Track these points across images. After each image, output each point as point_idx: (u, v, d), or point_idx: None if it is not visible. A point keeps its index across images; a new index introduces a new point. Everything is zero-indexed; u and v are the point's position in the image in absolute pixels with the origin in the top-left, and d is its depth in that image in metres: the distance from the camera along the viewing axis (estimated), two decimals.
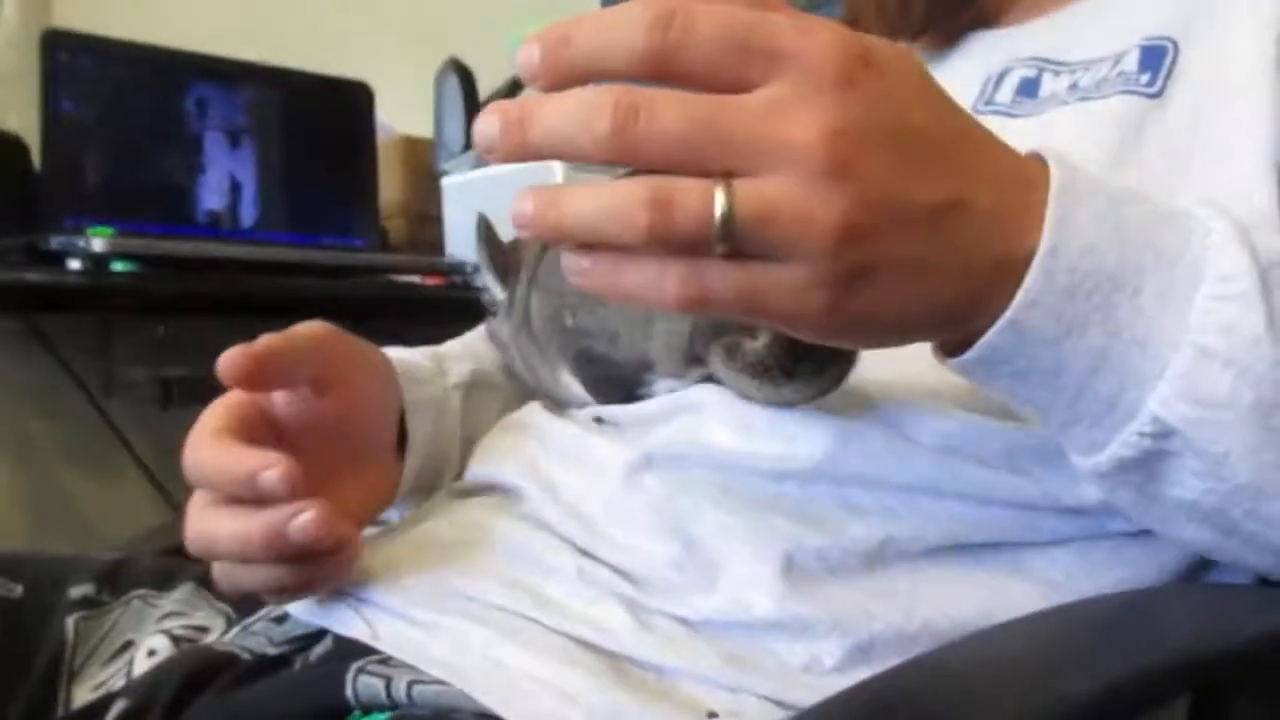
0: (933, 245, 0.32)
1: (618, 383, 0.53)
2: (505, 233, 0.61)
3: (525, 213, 0.32)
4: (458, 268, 1.30)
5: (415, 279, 1.41)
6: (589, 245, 0.32)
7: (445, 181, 1.58)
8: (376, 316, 1.50)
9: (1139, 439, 0.36)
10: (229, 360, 0.45)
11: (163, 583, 0.60)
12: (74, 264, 1.09)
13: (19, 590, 0.57)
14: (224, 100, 1.39)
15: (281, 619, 0.52)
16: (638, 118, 0.30)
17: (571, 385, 0.56)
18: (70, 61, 1.27)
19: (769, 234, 0.30)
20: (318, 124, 1.48)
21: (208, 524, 0.44)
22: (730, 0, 0.31)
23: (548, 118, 0.31)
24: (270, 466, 0.42)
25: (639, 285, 0.31)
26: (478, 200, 1.50)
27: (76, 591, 0.57)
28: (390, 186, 1.60)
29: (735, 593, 0.43)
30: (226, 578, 0.47)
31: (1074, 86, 0.56)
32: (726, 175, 0.30)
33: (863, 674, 0.40)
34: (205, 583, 0.60)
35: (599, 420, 0.52)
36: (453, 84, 1.55)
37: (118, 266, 1.04)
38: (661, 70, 0.30)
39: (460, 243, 1.55)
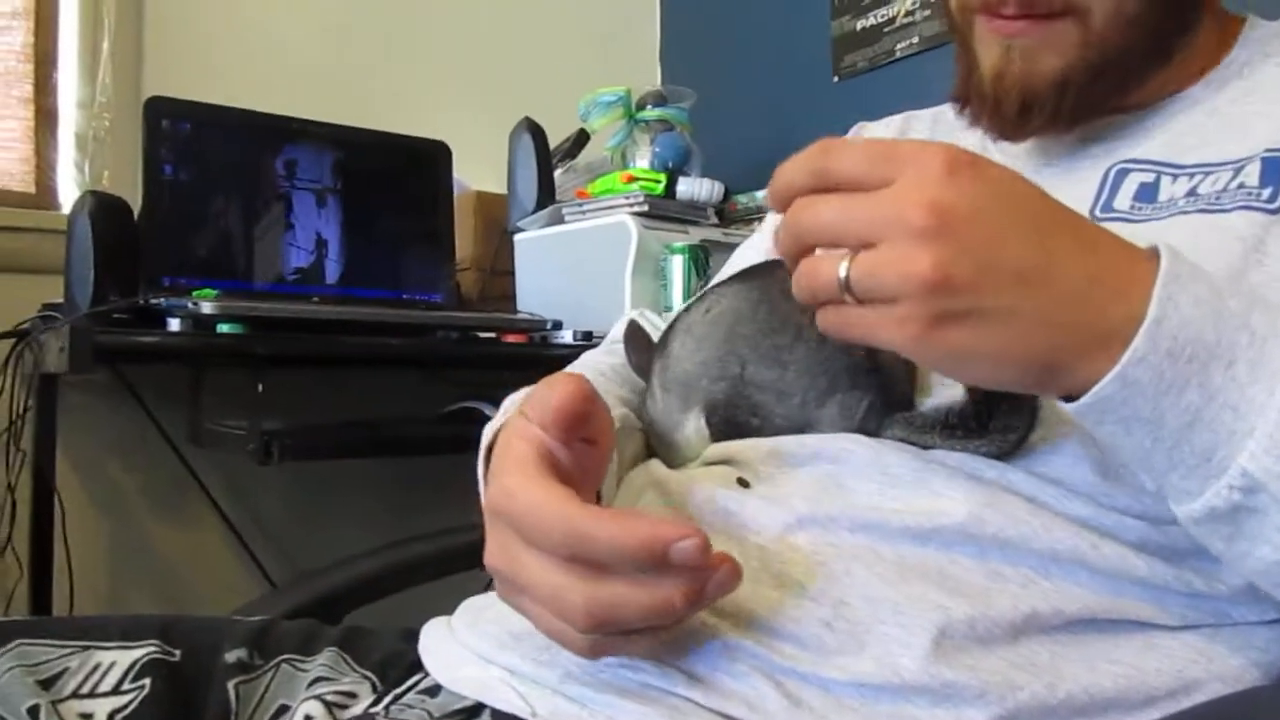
0: (1018, 300, 0.40)
1: (754, 431, 0.56)
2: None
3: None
4: (538, 325, 1.34)
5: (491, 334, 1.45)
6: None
7: (518, 238, 1.63)
8: (457, 369, 1.55)
9: (1229, 491, 0.41)
10: (567, 401, 0.44)
11: (305, 647, 0.63)
12: (175, 323, 1.13)
13: (178, 654, 0.59)
14: (312, 161, 1.45)
15: (434, 691, 0.55)
16: (804, 212, 0.43)
17: (691, 424, 0.59)
18: (170, 126, 1.33)
19: (875, 284, 0.41)
20: (398, 182, 1.53)
21: (601, 595, 0.41)
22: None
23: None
24: (687, 537, 0.40)
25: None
26: (548, 256, 1.56)
27: (231, 656, 0.60)
28: (463, 240, 1.65)
29: (884, 656, 0.45)
30: (601, 648, 0.44)
31: (1193, 194, 0.57)
32: (865, 247, 0.41)
33: None
34: (346, 648, 0.63)
35: (743, 483, 0.54)
36: (526, 143, 1.60)
37: (223, 328, 1.08)
38: (821, 181, 0.43)
39: (530, 296, 1.60)
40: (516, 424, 0.47)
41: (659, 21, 2.23)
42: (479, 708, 0.51)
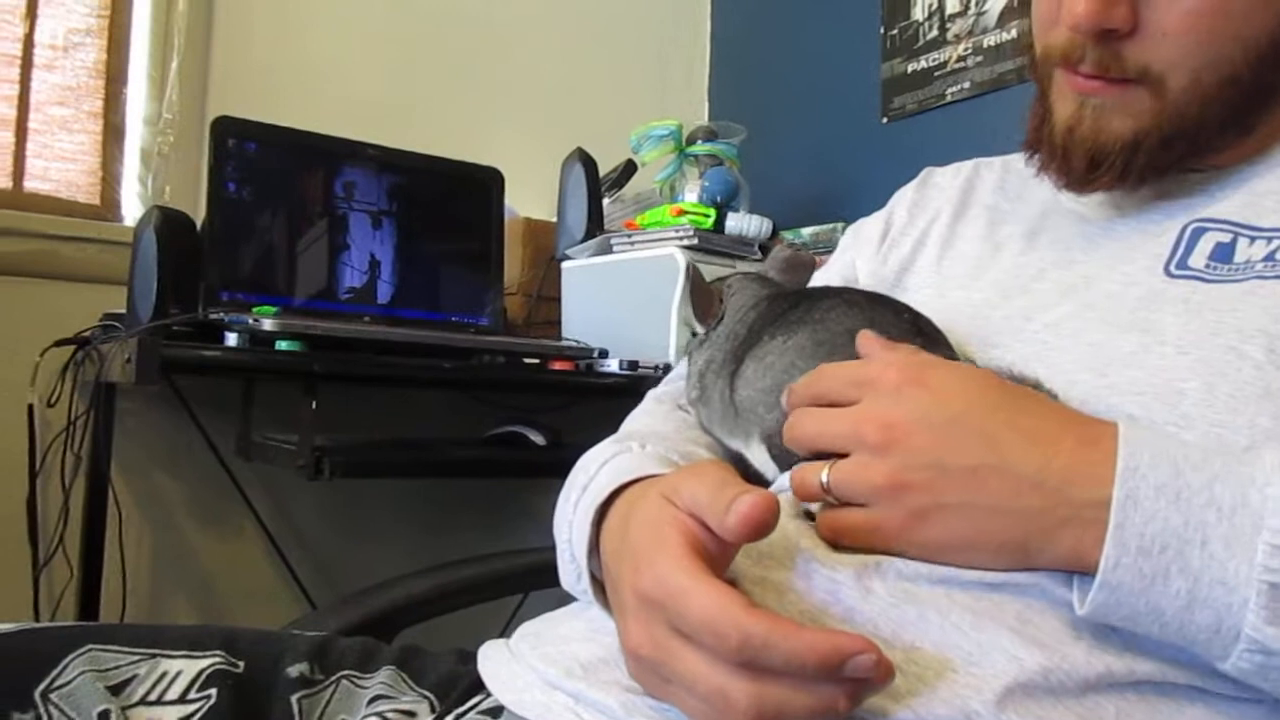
0: (973, 494, 0.46)
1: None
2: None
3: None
4: (584, 353, 1.35)
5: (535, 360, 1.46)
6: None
7: (565, 265, 1.65)
8: (503, 393, 1.57)
9: (1250, 655, 0.43)
10: (763, 515, 0.44)
11: (364, 664, 0.64)
12: (232, 338, 1.16)
13: (241, 666, 0.61)
14: (369, 183, 1.48)
15: (495, 713, 0.56)
16: (795, 421, 0.54)
17: (756, 455, 0.64)
18: (236, 145, 1.37)
19: (848, 490, 0.49)
20: (451, 206, 1.56)
21: (767, 698, 0.42)
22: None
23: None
24: (864, 652, 0.41)
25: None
26: (595, 285, 1.58)
27: (293, 670, 0.61)
28: (511, 266, 1.67)
29: (954, 700, 0.45)
30: None
31: (1271, 258, 0.56)
32: (839, 456, 0.50)
33: None
34: (403, 666, 0.64)
35: (809, 515, 0.55)
36: (578, 173, 1.63)
37: (281, 345, 1.10)
38: (816, 400, 0.54)
39: (575, 324, 1.62)
40: (665, 511, 0.48)
41: (708, 57, 2.26)
42: None
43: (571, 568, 0.60)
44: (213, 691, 0.58)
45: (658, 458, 0.61)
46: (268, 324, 1.09)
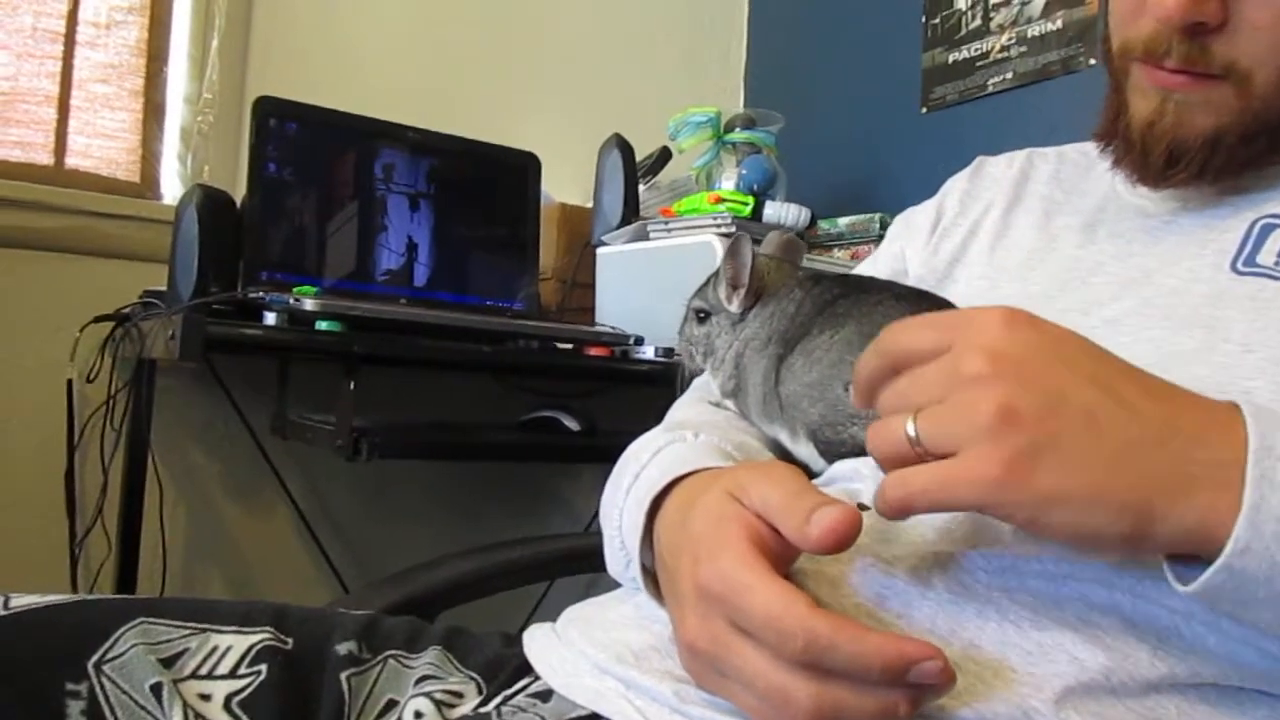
0: (1093, 437, 0.40)
1: (849, 447, 0.59)
2: None
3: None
4: (620, 339, 1.35)
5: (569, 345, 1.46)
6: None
7: (601, 251, 1.65)
8: (538, 378, 1.57)
9: None
10: (848, 530, 0.42)
11: (411, 644, 0.64)
12: (271, 318, 1.16)
13: (290, 643, 0.61)
14: (407, 165, 1.48)
15: (546, 696, 0.56)
16: (885, 393, 0.46)
17: (803, 450, 0.63)
18: (277, 125, 1.37)
19: (944, 432, 0.41)
20: (489, 190, 1.56)
21: (827, 699, 0.41)
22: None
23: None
24: (930, 658, 0.40)
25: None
26: (631, 271, 1.57)
27: (342, 648, 0.61)
28: (545, 251, 1.67)
29: (1013, 698, 0.45)
30: None
31: None
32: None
33: None
34: (449, 647, 0.65)
35: (863, 507, 0.54)
36: (614, 158, 1.62)
37: (321, 325, 1.11)
38: (893, 361, 0.46)
39: (609, 310, 1.61)
40: (729, 508, 0.47)
41: (745, 44, 2.24)
42: (594, 717, 0.52)
43: (621, 555, 0.60)
44: (262, 667, 0.59)
45: (712, 448, 0.60)
46: (309, 304, 1.09)
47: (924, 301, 0.65)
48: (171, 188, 1.64)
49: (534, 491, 1.87)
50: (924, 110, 1.81)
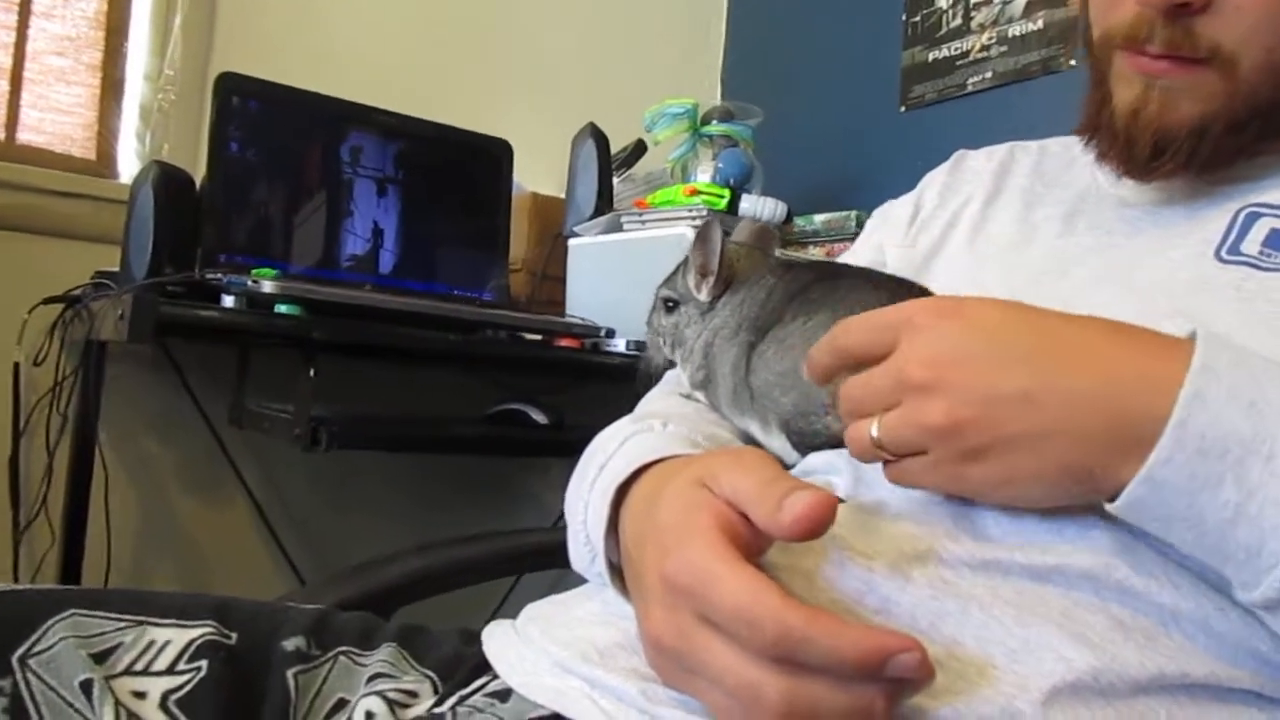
0: (1030, 423, 0.42)
1: (823, 436, 0.58)
2: None
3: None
4: (591, 331, 1.32)
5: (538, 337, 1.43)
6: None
7: (572, 242, 1.61)
8: (505, 370, 1.53)
9: None
10: (824, 514, 0.40)
11: (364, 640, 0.61)
12: (229, 301, 1.12)
13: (234, 638, 0.57)
14: (376, 149, 1.44)
15: (504, 695, 0.52)
16: (845, 393, 0.49)
17: (776, 443, 0.61)
18: (240, 103, 1.32)
19: (900, 440, 0.45)
20: (459, 178, 1.52)
21: (800, 695, 0.39)
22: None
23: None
24: (909, 650, 0.38)
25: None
26: (603, 263, 1.54)
27: (290, 644, 0.58)
28: (516, 242, 1.64)
29: (997, 699, 0.42)
30: None
31: None
32: (888, 409, 0.46)
33: None
34: (404, 644, 0.61)
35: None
36: (589, 148, 1.59)
37: (281, 309, 1.06)
38: (842, 359, 0.49)
39: (580, 302, 1.58)
40: (698, 495, 0.45)
41: (724, 37, 2.22)
42: (556, 717, 0.49)
43: (585, 550, 0.57)
44: (203, 663, 0.55)
45: (681, 438, 0.58)
46: (267, 286, 1.05)
47: (900, 288, 0.64)
48: (129, 167, 1.59)
49: (500, 486, 1.83)
50: (903, 108, 1.79)
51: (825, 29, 1.98)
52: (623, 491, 0.53)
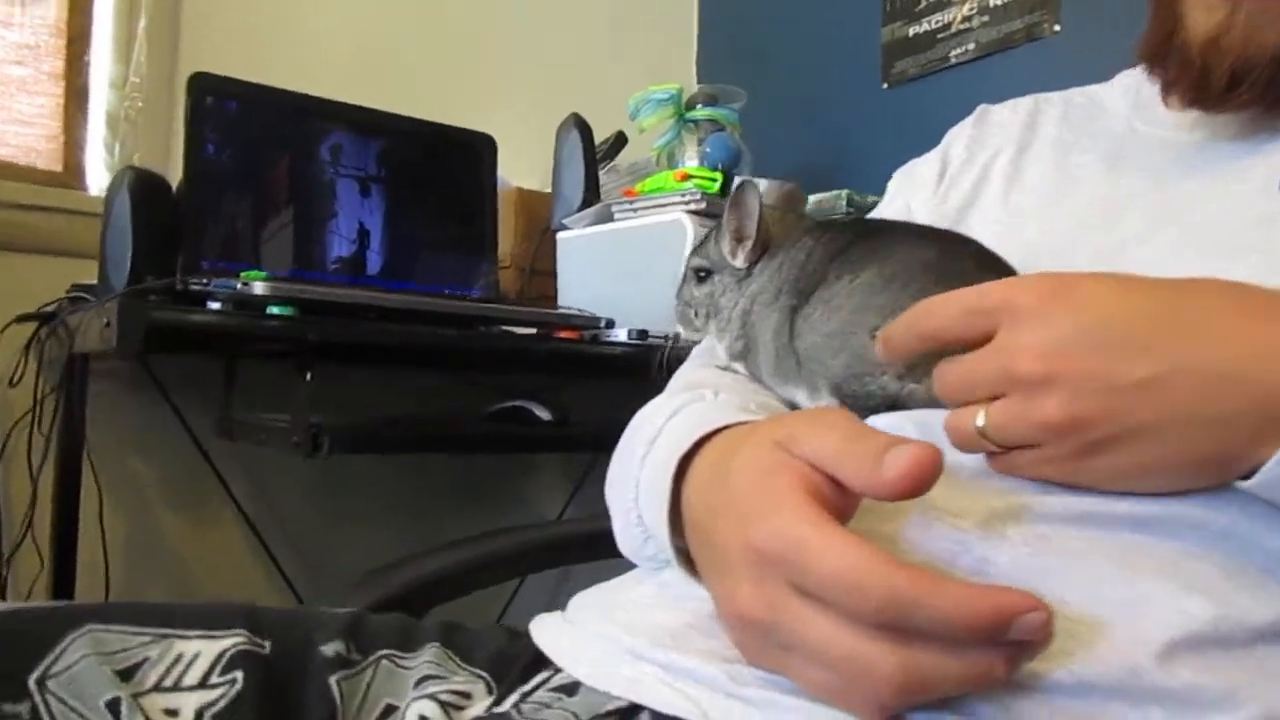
0: (1154, 412, 0.39)
1: (876, 398, 0.55)
2: None
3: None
4: (592, 322, 1.28)
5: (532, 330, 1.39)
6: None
7: (562, 236, 1.58)
8: (506, 367, 1.49)
9: None
10: (926, 469, 0.37)
11: (403, 642, 0.57)
12: (214, 306, 1.07)
13: (267, 646, 0.54)
14: (357, 147, 1.39)
15: (571, 689, 0.49)
16: (937, 382, 0.46)
17: (823, 404, 0.59)
18: (215, 104, 1.28)
19: (1010, 435, 0.42)
20: (443, 174, 1.48)
21: (914, 664, 0.36)
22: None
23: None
24: (1034, 609, 0.35)
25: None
26: (595, 255, 1.51)
27: (329, 649, 0.54)
28: (503, 238, 1.60)
29: (1118, 657, 0.40)
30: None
31: None
32: (994, 398, 0.43)
33: None
34: (449, 643, 0.57)
35: None
36: (574, 139, 1.55)
37: (274, 310, 1.02)
38: (929, 345, 0.46)
39: (573, 296, 1.54)
40: (774, 457, 0.42)
41: (696, 20, 2.19)
42: (633, 709, 0.45)
43: (636, 531, 0.54)
44: (238, 674, 0.51)
45: (735, 406, 0.54)
46: (259, 288, 1.00)
47: (945, 237, 0.61)
48: (98, 177, 1.53)
49: (495, 489, 1.79)
50: (885, 85, 1.78)
51: (801, 8, 1.96)
52: (683, 465, 0.49)
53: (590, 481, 1.81)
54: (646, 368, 1.35)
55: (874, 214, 0.82)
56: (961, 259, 0.59)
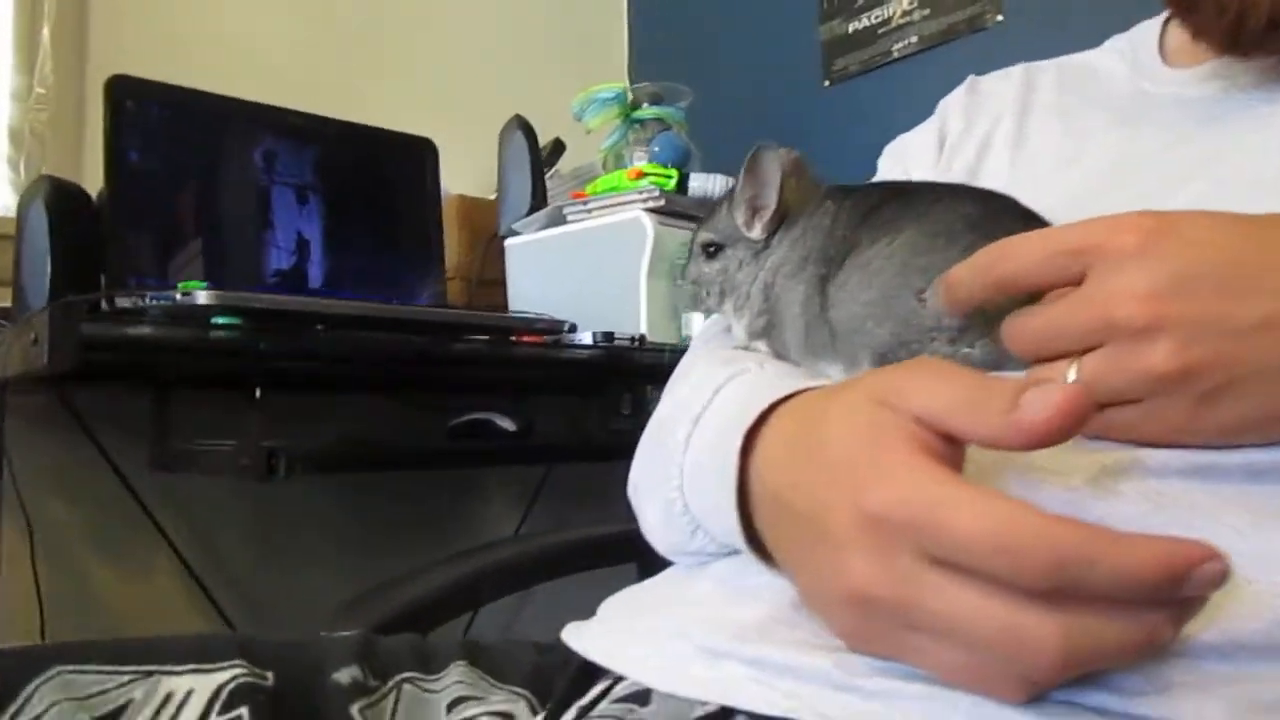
0: (1272, 353, 0.37)
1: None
2: None
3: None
4: (556, 326, 1.22)
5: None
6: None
7: (510, 242, 1.52)
8: (461, 392, 1.42)
9: None
10: (1077, 410, 0.32)
11: (423, 664, 0.50)
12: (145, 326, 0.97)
13: (270, 677, 0.46)
14: (291, 154, 1.31)
15: (643, 698, 0.43)
16: (1012, 332, 0.42)
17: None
18: (136, 109, 1.18)
19: (1113, 388, 0.38)
20: (383, 181, 1.40)
21: (1078, 632, 0.32)
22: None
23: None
24: (1211, 557, 0.31)
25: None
26: (547, 260, 1.45)
27: (343, 676, 0.47)
28: (447, 248, 1.53)
29: (1268, 613, 0.36)
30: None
31: None
32: (1087, 350, 0.39)
33: None
34: (476, 662, 0.51)
35: None
36: (519, 142, 1.50)
37: (219, 322, 0.93)
38: (1004, 292, 0.42)
39: (525, 304, 1.48)
40: (878, 415, 0.37)
41: (626, 24, 2.16)
42: (724, 712, 0.40)
43: (682, 522, 0.49)
44: (243, 711, 0.44)
45: (793, 373, 0.49)
46: (202, 298, 0.92)
47: (983, 193, 0.58)
48: (3, 195, 1.41)
49: (442, 513, 1.70)
50: (826, 83, 1.76)
51: (735, 7, 1.94)
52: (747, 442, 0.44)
53: (546, 495, 1.74)
54: (612, 373, 1.30)
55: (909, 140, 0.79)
56: (1005, 213, 0.55)
